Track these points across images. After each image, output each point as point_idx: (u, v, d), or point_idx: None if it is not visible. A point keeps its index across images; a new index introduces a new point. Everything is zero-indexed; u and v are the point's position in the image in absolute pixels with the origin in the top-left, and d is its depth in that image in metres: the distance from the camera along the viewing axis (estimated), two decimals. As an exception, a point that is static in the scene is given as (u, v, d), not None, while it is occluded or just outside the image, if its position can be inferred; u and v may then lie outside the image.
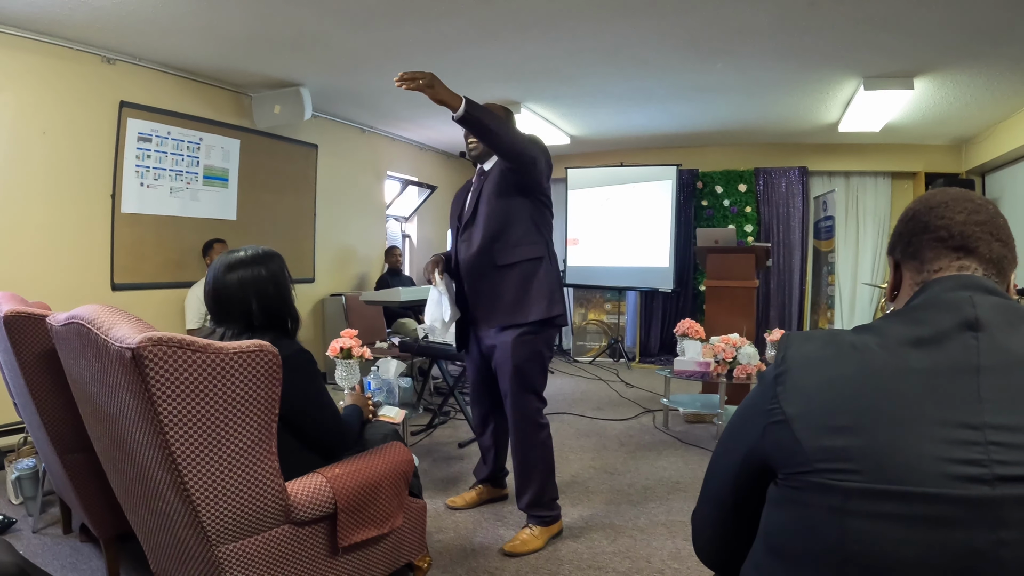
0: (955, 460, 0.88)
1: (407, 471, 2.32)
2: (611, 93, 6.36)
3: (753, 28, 4.48)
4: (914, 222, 1.13)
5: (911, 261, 1.13)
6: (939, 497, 0.87)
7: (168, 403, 1.59)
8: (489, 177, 3.08)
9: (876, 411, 0.94)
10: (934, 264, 1.09)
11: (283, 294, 2.16)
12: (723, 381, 4.82)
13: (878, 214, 8.49)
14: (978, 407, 0.90)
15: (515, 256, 3.00)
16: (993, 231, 1.08)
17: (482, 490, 3.58)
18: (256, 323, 2.08)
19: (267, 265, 2.14)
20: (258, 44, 4.90)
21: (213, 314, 2.13)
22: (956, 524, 0.86)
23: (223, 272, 2.09)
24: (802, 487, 0.98)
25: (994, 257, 1.07)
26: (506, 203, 2.99)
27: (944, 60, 5.00)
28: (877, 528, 0.90)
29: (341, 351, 3.46)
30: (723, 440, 1.22)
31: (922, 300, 1.05)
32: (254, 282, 2.09)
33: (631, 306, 9.19)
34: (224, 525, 1.76)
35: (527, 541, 3.04)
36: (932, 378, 0.93)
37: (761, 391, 1.08)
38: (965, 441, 0.88)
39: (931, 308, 1.01)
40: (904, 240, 1.15)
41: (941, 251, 1.09)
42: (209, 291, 2.11)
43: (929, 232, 1.10)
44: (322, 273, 7.22)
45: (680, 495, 3.75)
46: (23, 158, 4.48)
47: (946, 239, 1.08)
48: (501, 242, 3.00)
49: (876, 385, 0.96)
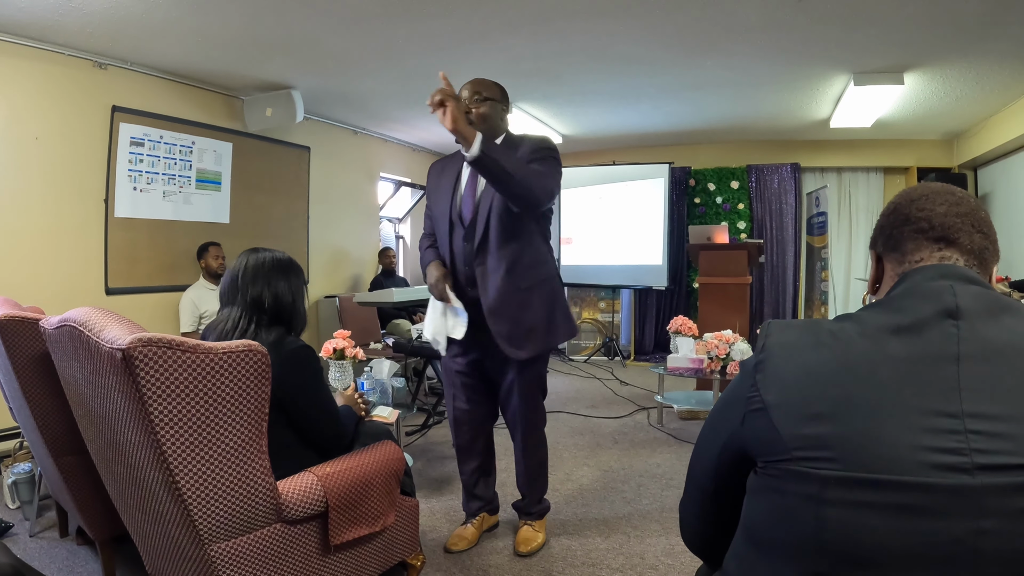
0: (934, 448, 0.87)
1: (398, 469, 2.33)
2: (602, 92, 6.36)
3: (743, 25, 4.49)
4: (895, 215, 1.14)
5: (892, 253, 1.13)
6: (917, 486, 0.87)
7: (158, 403, 1.61)
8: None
9: (854, 399, 0.94)
10: (915, 255, 1.09)
11: (295, 295, 2.28)
12: (717, 378, 4.84)
13: (871, 209, 8.51)
14: (957, 395, 0.90)
15: (534, 277, 2.84)
16: (974, 223, 1.08)
17: (481, 521, 3.20)
18: (266, 313, 2.18)
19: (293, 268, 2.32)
20: (249, 47, 4.90)
21: (227, 295, 2.24)
22: (935, 513, 0.86)
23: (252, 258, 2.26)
24: (780, 475, 0.98)
25: (975, 248, 1.07)
26: (518, 221, 2.77)
27: (933, 55, 5.02)
28: (854, 517, 0.90)
29: (334, 352, 3.48)
30: (705, 428, 1.23)
31: (902, 289, 1.05)
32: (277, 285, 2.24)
33: (625, 304, 9.19)
34: (216, 524, 1.77)
35: (535, 537, 3.05)
36: (911, 366, 0.93)
37: (741, 379, 1.09)
38: (944, 429, 0.88)
39: (911, 296, 1.01)
40: (885, 233, 1.15)
41: (922, 242, 1.09)
42: (233, 272, 2.24)
43: (910, 224, 1.10)
44: (316, 275, 7.22)
45: (674, 491, 3.76)
46: (16, 164, 4.48)
47: (927, 230, 1.09)
48: (520, 264, 2.80)
49: (854, 373, 0.95)
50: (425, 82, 5.68)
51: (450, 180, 2.94)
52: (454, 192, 2.91)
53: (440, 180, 2.99)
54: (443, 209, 2.92)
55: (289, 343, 2.14)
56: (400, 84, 5.92)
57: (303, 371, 2.12)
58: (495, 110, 2.82)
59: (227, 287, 2.24)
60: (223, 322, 2.18)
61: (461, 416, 3.13)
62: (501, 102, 2.87)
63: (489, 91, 2.83)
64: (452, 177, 2.94)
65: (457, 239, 2.88)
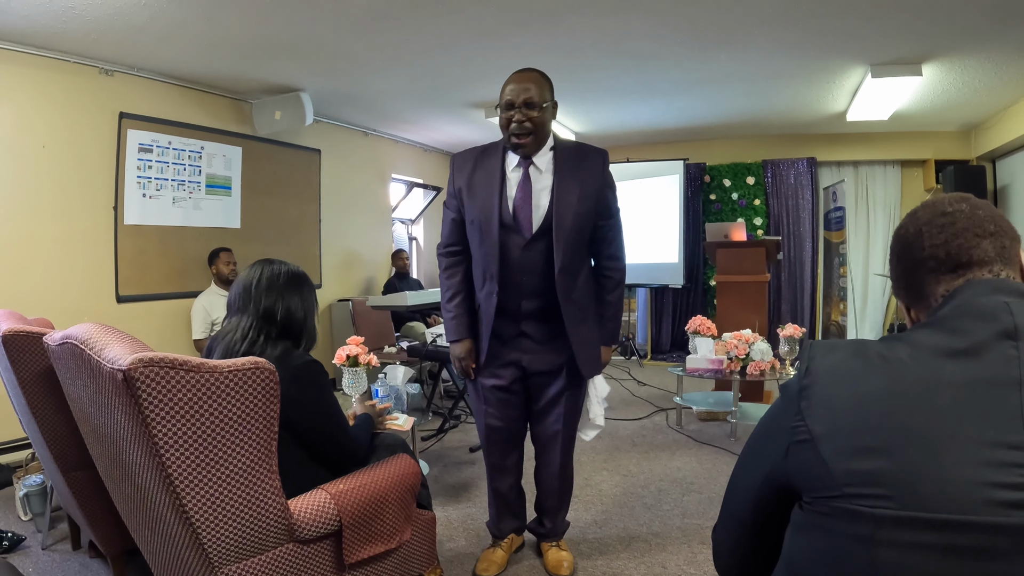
0: (996, 484, 0.80)
1: (414, 484, 2.27)
2: (614, 88, 6.30)
3: (757, 17, 4.40)
4: (903, 263, 1.11)
5: (919, 301, 1.09)
6: (979, 526, 0.80)
7: (162, 425, 1.55)
8: (566, 185, 2.63)
9: (908, 430, 0.86)
10: (939, 291, 1.05)
11: (307, 312, 2.25)
12: (736, 378, 4.76)
13: (888, 203, 8.39)
14: (1021, 424, 0.83)
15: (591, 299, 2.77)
16: (977, 230, 1.03)
17: (511, 542, 3.04)
18: (276, 326, 2.15)
19: (307, 284, 2.29)
20: (256, 50, 4.86)
21: (238, 303, 2.20)
22: (998, 555, 0.79)
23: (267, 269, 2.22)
24: (829, 513, 0.91)
25: (992, 256, 1.02)
26: (585, 244, 2.72)
27: (952, 45, 4.91)
28: (910, 559, 0.83)
29: (347, 359, 3.42)
30: (744, 455, 1.16)
31: (953, 308, 0.97)
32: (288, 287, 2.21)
33: (641, 303, 9.14)
34: (226, 547, 1.71)
35: (567, 557, 2.92)
36: (970, 393, 0.86)
37: (784, 405, 1.01)
38: (1007, 463, 0.81)
39: (965, 316, 0.94)
40: (903, 283, 1.12)
41: (940, 278, 1.05)
42: (246, 281, 2.20)
43: (920, 268, 1.07)
44: (328, 278, 7.19)
45: (694, 496, 3.70)
46: (23, 172, 4.46)
47: (938, 267, 1.05)
48: (581, 283, 2.71)
49: (909, 401, 0.88)
50: (435, 81, 5.64)
51: (493, 178, 2.67)
52: (501, 193, 2.64)
53: (475, 176, 2.71)
54: (488, 210, 2.64)
55: (296, 358, 2.08)
56: (410, 84, 5.87)
57: (311, 388, 2.06)
58: (547, 115, 2.60)
59: (238, 295, 2.19)
60: (232, 331, 2.13)
61: (497, 434, 2.89)
62: (551, 102, 2.64)
63: (539, 94, 2.56)
64: (495, 175, 2.67)
65: (514, 246, 2.63)
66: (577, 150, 2.72)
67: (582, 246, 2.69)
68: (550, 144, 2.68)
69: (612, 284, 2.82)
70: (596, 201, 2.68)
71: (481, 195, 2.67)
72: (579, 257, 2.69)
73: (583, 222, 2.64)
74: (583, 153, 2.71)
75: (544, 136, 2.63)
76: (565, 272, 2.62)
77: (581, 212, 2.62)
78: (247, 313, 2.15)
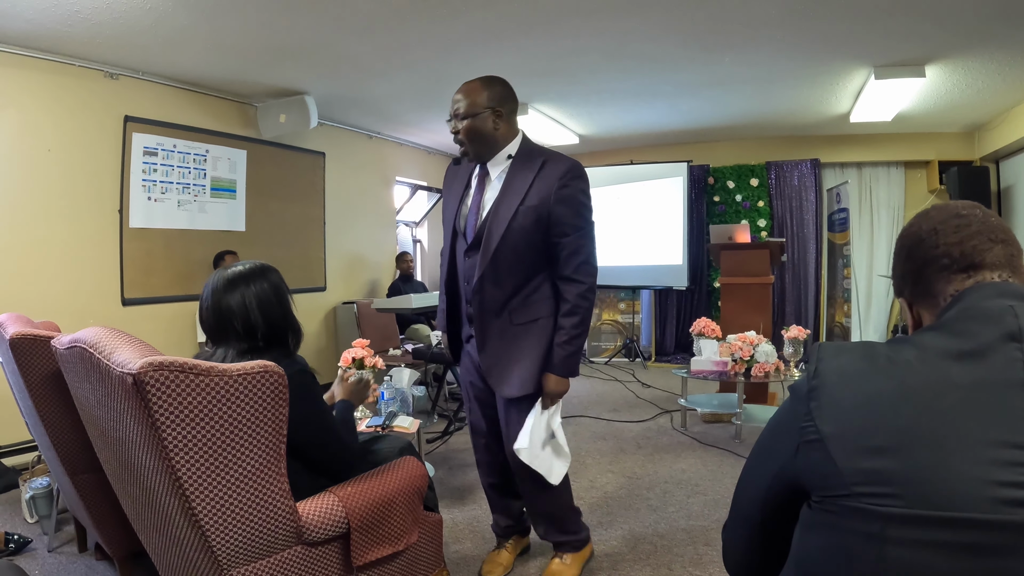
0: (1002, 483, 0.82)
1: (421, 486, 2.27)
2: (618, 91, 6.29)
3: (761, 20, 4.41)
4: (912, 260, 1.11)
5: (925, 299, 1.10)
6: (986, 523, 0.81)
7: (172, 429, 1.55)
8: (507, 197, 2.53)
9: (917, 430, 0.88)
10: (947, 291, 1.06)
11: (285, 307, 2.09)
12: (741, 380, 4.76)
13: (892, 204, 8.36)
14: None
15: (530, 315, 2.60)
16: (990, 235, 1.05)
17: (515, 544, 3.02)
18: (261, 341, 2.01)
19: (268, 278, 2.08)
20: (260, 54, 4.88)
21: (212, 334, 2.04)
22: (1005, 552, 0.81)
23: (224, 288, 2.02)
24: (838, 511, 0.92)
25: (1002, 260, 1.04)
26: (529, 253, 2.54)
27: (955, 46, 4.91)
28: (919, 557, 0.84)
29: (353, 361, 3.44)
30: (753, 455, 1.17)
31: (959, 311, 0.99)
32: (258, 296, 2.02)
33: (645, 305, 9.14)
34: (235, 549, 1.72)
35: (562, 572, 2.80)
36: (976, 394, 0.88)
37: (793, 406, 1.03)
38: (1013, 462, 0.83)
39: (971, 319, 0.95)
40: (910, 280, 1.12)
41: (951, 277, 1.06)
42: (209, 308, 2.03)
43: (931, 264, 1.08)
44: (333, 281, 7.20)
45: (699, 498, 3.70)
46: (29, 176, 4.48)
47: (950, 265, 1.05)
48: (519, 296, 2.58)
49: (916, 402, 0.90)
50: (438, 84, 5.64)
51: (460, 186, 2.71)
52: (461, 201, 2.69)
53: (452, 185, 2.78)
54: (449, 217, 2.73)
55: (286, 367, 1.85)
56: (414, 87, 5.88)
57: (301, 402, 1.92)
58: (482, 123, 2.50)
59: (213, 325, 2.04)
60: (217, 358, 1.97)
61: (477, 429, 2.90)
62: (489, 109, 2.51)
63: (469, 104, 2.53)
64: (462, 183, 2.71)
65: (459, 252, 2.68)
66: (536, 160, 2.54)
67: (519, 261, 2.53)
68: (509, 152, 2.58)
69: (566, 307, 2.54)
70: (541, 217, 2.48)
71: (449, 201, 2.76)
72: (516, 271, 2.54)
73: (517, 237, 2.49)
74: (543, 164, 2.52)
75: (489, 144, 2.54)
76: (490, 283, 2.55)
77: (516, 227, 2.48)
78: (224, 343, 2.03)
